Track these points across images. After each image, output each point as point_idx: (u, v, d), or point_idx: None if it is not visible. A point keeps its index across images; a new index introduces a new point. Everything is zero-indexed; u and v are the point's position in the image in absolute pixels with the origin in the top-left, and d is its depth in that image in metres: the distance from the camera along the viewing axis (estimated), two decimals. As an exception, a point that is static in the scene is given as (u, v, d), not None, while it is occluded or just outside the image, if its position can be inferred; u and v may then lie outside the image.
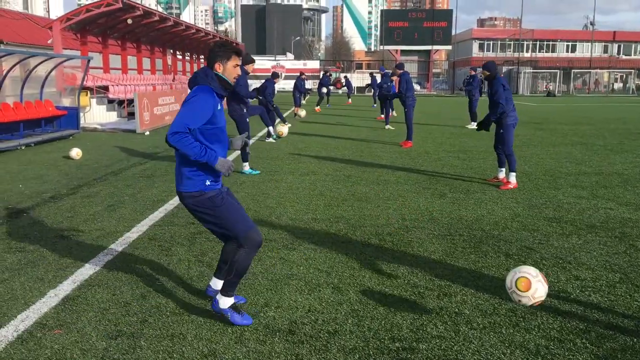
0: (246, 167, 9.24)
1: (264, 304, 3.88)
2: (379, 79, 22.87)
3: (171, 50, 31.63)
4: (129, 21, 21.27)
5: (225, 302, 3.52)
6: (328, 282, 4.29)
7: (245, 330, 3.47)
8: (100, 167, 9.85)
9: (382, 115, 18.97)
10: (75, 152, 10.83)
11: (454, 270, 4.60)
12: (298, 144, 13.36)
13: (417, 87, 48.14)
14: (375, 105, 25.35)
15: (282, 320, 3.63)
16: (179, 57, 33.77)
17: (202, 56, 40.36)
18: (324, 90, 28.08)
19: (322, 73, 31.51)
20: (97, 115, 18.87)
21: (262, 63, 57.53)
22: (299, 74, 23.64)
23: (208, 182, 3.45)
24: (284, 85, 52.67)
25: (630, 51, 70.19)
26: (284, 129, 12.98)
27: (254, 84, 16.58)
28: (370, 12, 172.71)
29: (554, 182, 8.44)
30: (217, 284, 3.84)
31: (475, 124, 17.32)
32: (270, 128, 13.45)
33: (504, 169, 8.42)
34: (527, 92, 53.01)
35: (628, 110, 27.51)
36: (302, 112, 16.31)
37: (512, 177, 8.07)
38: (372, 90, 28.70)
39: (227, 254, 3.73)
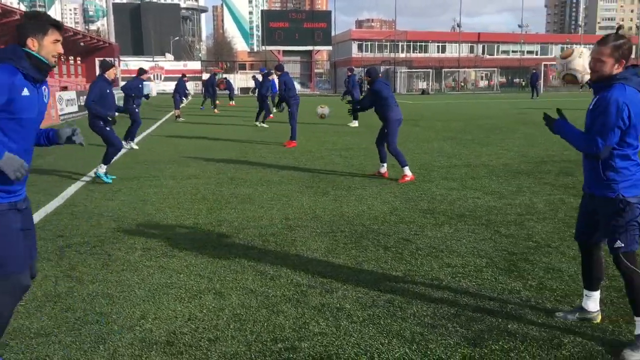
0: (102, 168, 8.54)
1: (140, 316, 3.69)
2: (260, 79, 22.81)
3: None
4: (-15, 19, 19.51)
5: None
6: (209, 288, 4.18)
7: (119, 346, 3.27)
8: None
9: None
10: None
11: (335, 266, 4.68)
12: (180, 147, 12.96)
13: (298, 86, 48.68)
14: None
15: (160, 331, 3.47)
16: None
17: (71, 57, 37.92)
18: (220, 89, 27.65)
19: (209, 75, 30.98)
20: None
21: (140, 64, 55.19)
22: (181, 75, 22.98)
23: None
24: (164, 87, 51.00)
25: (494, 51, 76.25)
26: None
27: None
28: (251, 12, 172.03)
29: (428, 175, 8.91)
30: None
31: (357, 122, 17.94)
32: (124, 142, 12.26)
33: (385, 164, 8.77)
34: (403, 91, 55.66)
35: (493, 106, 29.80)
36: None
37: (407, 171, 8.45)
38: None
39: None
